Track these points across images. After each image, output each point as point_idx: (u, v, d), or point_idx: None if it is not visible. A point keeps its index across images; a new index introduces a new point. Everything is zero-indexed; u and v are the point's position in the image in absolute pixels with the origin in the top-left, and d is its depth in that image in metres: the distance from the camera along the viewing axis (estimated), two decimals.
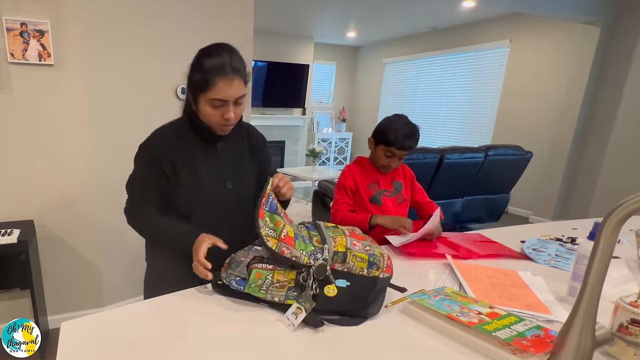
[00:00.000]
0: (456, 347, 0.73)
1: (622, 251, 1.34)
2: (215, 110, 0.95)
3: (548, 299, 0.95)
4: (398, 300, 0.91)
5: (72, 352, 0.68)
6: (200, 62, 0.94)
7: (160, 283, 1.02)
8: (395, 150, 1.41)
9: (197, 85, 0.94)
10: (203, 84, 0.93)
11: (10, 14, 1.71)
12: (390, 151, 1.42)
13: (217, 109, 0.95)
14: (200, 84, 0.93)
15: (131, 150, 1.07)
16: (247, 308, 0.84)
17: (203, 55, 0.95)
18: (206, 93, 0.93)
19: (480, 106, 5.49)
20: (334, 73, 7.59)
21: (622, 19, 3.97)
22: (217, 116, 0.96)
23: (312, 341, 0.74)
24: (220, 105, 0.95)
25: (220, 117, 0.96)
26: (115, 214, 2.16)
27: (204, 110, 0.97)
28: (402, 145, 1.39)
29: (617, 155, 4.10)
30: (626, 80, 3.96)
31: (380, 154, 1.45)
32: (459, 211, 3.59)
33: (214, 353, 0.69)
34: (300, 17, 5.39)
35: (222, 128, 1.00)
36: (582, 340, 0.59)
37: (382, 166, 1.48)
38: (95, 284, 2.16)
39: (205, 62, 0.93)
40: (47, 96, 1.85)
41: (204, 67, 0.93)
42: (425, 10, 4.95)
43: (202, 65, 0.93)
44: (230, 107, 0.95)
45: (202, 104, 0.96)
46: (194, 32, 2.18)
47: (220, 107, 0.95)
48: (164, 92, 2.17)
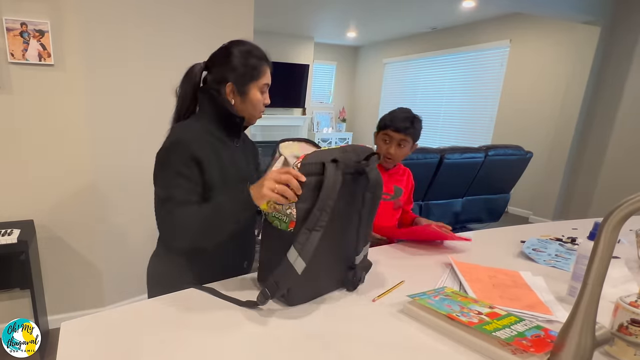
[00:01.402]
0: (456, 347, 0.73)
1: (622, 251, 1.34)
2: (262, 95, 1.04)
3: (548, 299, 0.95)
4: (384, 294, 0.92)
5: (72, 352, 0.68)
6: (248, 54, 1.00)
7: (162, 282, 1.01)
8: (391, 132, 1.39)
9: (248, 73, 1.00)
10: (254, 72, 1.00)
11: (10, 14, 1.71)
12: (387, 134, 1.40)
13: (263, 95, 1.04)
14: (251, 72, 1.00)
15: (131, 149, 1.07)
16: (245, 309, 0.84)
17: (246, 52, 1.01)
18: (259, 80, 1.01)
19: (480, 106, 5.50)
20: (334, 73, 7.59)
21: (622, 19, 3.97)
22: (262, 102, 1.04)
23: (312, 341, 0.74)
24: (266, 90, 1.04)
25: (263, 102, 1.05)
26: (115, 213, 2.18)
27: (255, 97, 1.02)
28: (397, 126, 1.37)
29: (617, 155, 4.10)
30: (626, 80, 3.96)
31: (380, 143, 1.44)
32: (459, 211, 3.59)
33: (215, 353, 0.69)
34: (300, 17, 5.39)
35: (260, 114, 1.07)
36: (582, 340, 0.59)
37: (383, 156, 1.44)
38: (95, 284, 2.16)
39: (255, 52, 1.01)
40: (47, 96, 1.85)
41: (255, 56, 1.01)
42: (425, 10, 4.96)
43: (252, 54, 1.00)
44: (267, 92, 1.05)
45: (254, 92, 1.02)
46: (194, 32, 2.18)
47: (265, 93, 1.04)
48: (164, 92, 2.16)
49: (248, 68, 0.99)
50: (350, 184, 0.86)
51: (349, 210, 0.89)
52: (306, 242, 0.78)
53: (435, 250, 1.30)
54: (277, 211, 0.84)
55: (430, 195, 3.30)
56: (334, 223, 0.84)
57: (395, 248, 1.30)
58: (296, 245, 0.78)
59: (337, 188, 0.80)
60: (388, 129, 1.40)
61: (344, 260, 0.94)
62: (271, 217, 0.86)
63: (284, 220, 0.83)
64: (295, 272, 0.78)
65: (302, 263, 0.78)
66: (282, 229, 0.83)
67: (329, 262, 0.90)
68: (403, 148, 1.42)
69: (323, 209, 0.79)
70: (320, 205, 0.78)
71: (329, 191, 0.79)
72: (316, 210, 0.78)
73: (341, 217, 0.87)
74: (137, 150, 2.09)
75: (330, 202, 0.79)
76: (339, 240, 0.90)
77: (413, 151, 1.53)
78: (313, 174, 0.80)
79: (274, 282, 0.80)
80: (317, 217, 0.79)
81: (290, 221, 0.81)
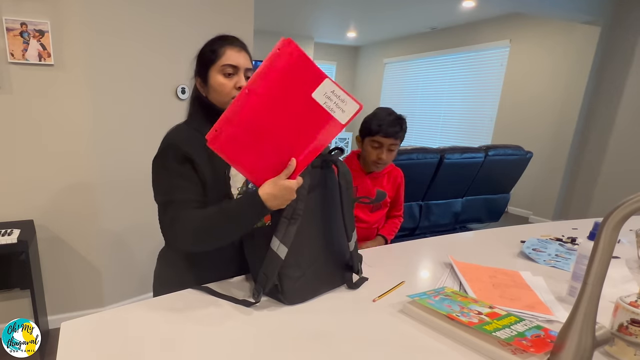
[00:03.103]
0: (456, 347, 0.73)
1: (622, 251, 1.34)
2: (227, 79, 0.95)
3: (548, 299, 0.95)
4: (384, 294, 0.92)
5: (72, 352, 0.68)
6: (206, 43, 0.98)
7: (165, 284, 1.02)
8: (380, 138, 1.37)
9: (207, 58, 0.96)
10: (212, 55, 0.95)
11: (10, 14, 1.71)
12: (377, 141, 1.38)
13: (229, 78, 0.95)
14: (209, 57, 0.96)
15: (131, 149, 1.07)
16: (245, 309, 0.84)
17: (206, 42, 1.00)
18: (216, 63, 0.95)
19: (480, 106, 5.50)
20: (334, 73, 7.59)
21: (622, 19, 3.97)
22: (229, 86, 0.95)
23: (312, 341, 0.74)
24: (232, 72, 0.95)
25: (233, 86, 0.95)
26: (115, 213, 2.18)
27: (215, 81, 0.95)
28: (387, 132, 1.35)
29: (617, 156, 4.10)
30: (626, 80, 3.96)
31: (368, 149, 1.41)
32: (459, 211, 3.59)
33: (215, 353, 0.69)
34: (300, 17, 5.39)
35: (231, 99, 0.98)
36: (582, 340, 0.59)
37: (373, 162, 1.41)
38: (95, 284, 2.16)
39: (213, 40, 0.98)
40: (47, 96, 1.85)
41: (212, 42, 0.97)
42: (425, 10, 4.96)
43: (210, 42, 0.97)
44: (242, 76, 0.96)
45: (213, 77, 0.96)
46: (194, 32, 2.18)
47: (232, 76, 0.95)
48: (164, 92, 2.18)
49: (206, 54, 0.97)
50: (320, 176, 0.91)
51: (329, 200, 0.94)
52: (286, 230, 0.83)
53: (435, 250, 1.30)
54: None
55: (430, 195, 3.30)
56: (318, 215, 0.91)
57: (395, 248, 1.30)
58: (277, 234, 0.83)
59: (306, 176, 0.84)
60: (377, 135, 1.37)
61: (339, 255, 0.96)
62: None
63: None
64: (279, 258, 0.82)
65: (284, 249, 0.82)
66: (260, 226, 0.89)
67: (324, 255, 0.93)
68: (393, 152, 1.42)
69: (297, 197, 0.83)
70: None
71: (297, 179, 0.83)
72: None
73: (324, 208, 0.93)
74: (138, 150, 2.09)
75: (303, 191, 0.84)
76: (329, 230, 0.94)
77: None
78: None
79: (263, 274, 0.83)
80: (293, 206, 0.83)
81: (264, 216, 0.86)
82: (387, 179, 1.53)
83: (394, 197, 1.56)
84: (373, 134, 1.38)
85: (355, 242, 0.98)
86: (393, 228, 1.60)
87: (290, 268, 0.86)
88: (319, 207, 0.91)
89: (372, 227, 1.53)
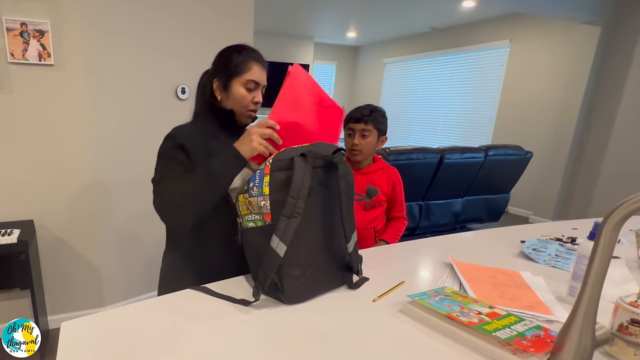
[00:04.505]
0: (456, 347, 0.73)
1: (622, 251, 1.34)
2: (248, 93, 1.03)
3: (548, 299, 0.95)
4: (384, 294, 0.92)
5: (72, 352, 0.68)
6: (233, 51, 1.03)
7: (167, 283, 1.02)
8: (352, 124, 1.44)
9: (233, 69, 1.02)
10: (240, 67, 1.02)
11: (10, 14, 1.71)
12: (349, 128, 1.45)
13: (250, 92, 1.03)
14: (236, 68, 1.02)
15: (131, 149, 1.08)
16: (246, 308, 0.84)
17: (233, 49, 1.05)
18: (242, 76, 1.02)
19: (480, 106, 5.50)
20: (334, 73, 7.59)
21: (622, 19, 3.97)
22: (249, 99, 1.03)
23: (311, 341, 0.74)
24: (253, 88, 1.04)
25: (251, 100, 1.04)
26: (115, 213, 2.18)
27: (237, 92, 1.02)
28: (356, 117, 1.42)
29: (617, 156, 4.10)
30: (626, 80, 3.97)
31: (345, 139, 1.48)
32: (459, 211, 3.59)
33: (214, 353, 0.69)
34: (300, 17, 5.39)
35: (249, 113, 1.06)
36: (582, 340, 0.59)
37: (350, 151, 1.46)
38: (95, 284, 2.16)
39: (241, 50, 1.03)
40: (47, 96, 1.85)
41: (240, 53, 1.03)
42: (425, 10, 4.96)
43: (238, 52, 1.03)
44: (260, 92, 1.05)
45: (236, 87, 1.03)
46: (194, 33, 2.18)
47: (252, 91, 1.04)
48: (164, 92, 2.17)
49: (232, 65, 1.02)
50: (322, 177, 0.91)
51: (329, 201, 0.94)
52: (286, 227, 0.82)
53: (435, 250, 1.30)
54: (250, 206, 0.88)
55: (430, 195, 3.31)
56: (319, 215, 0.91)
57: (395, 248, 1.30)
58: (277, 232, 0.82)
59: (307, 175, 0.84)
60: (349, 123, 1.45)
61: (338, 254, 0.96)
62: (245, 222, 0.91)
63: (259, 218, 0.88)
64: (278, 256, 0.82)
65: (283, 247, 0.82)
66: (259, 225, 0.88)
67: (325, 255, 0.93)
68: (367, 138, 1.44)
69: (298, 196, 0.83)
70: (294, 192, 0.82)
71: (299, 178, 0.83)
72: (291, 198, 0.82)
73: (324, 209, 0.93)
74: (138, 150, 2.09)
75: (304, 189, 0.83)
76: (328, 231, 0.94)
77: (382, 145, 1.52)
78: (283, 169, 0.86)
79: (262, 272, 0.84)
80: (294, 204, 0.83)
81: (265, 214, 0.86)
82: (379, 175, 1.50)
83: (391, 196, 1.54)
84: (346, 123, 1.46)
85: (355, 244, 0.97)
86: (396, 232, 1.54)
87: (291, 267, 0.86)
88: (319, 208, 0.91)
89: (368, 228, 1.47)
